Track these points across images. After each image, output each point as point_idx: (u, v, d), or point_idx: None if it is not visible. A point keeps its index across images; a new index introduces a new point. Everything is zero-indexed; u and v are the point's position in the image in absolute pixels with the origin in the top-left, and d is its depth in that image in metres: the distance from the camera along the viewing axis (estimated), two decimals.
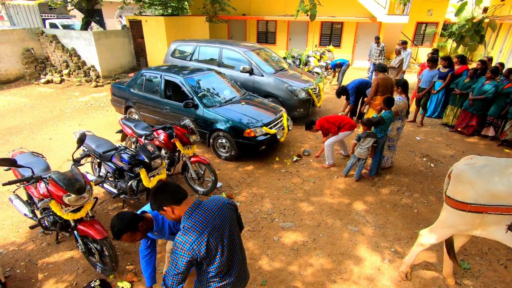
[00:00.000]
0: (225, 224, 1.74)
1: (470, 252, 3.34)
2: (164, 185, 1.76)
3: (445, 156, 5.55)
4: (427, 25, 14.72)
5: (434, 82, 6.61)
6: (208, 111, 5.15)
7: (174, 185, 1.76)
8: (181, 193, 1.73)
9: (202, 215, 1.68)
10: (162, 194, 1.72)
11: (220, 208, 1.76)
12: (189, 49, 8.01)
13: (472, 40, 2.68)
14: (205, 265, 1.69)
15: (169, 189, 1.73)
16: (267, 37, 16.03)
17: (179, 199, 1.71)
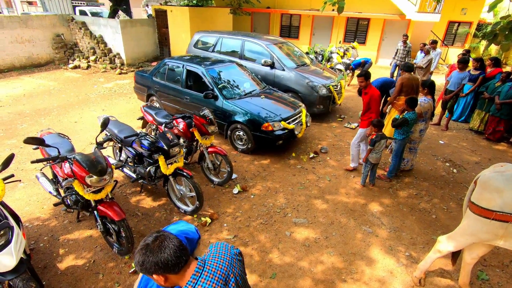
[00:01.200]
0: (237, 285, 1.35)
1: (490, 263, 3.21)
2: (161, 242, 1.22)
3: (469, 162, 5.33)
4: (460, 24, 14.02)
5: (463, 84, 6.31)
6: (227, 103, 5.17)
7: (175, 246, 1.22)
8: (182, 259, 1.22)
9: (211, 282, 1.25)
10: (155, 257, 1.19)
11: (230, 266, 1.35)
12: (212, 40, 8.05)
13: (506, 39, 2.52)
14: None
15: (167, 251, 1.20)
16: (290, 31, 15.83)
17: (178, 267, 1.22)
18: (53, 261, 3.08)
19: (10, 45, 10.21)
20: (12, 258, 2.16)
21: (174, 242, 1.24)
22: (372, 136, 4.14)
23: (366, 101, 4.37)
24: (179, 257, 1.22)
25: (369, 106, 4.38)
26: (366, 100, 4.36)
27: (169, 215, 3.78)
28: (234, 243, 3.35)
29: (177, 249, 1.22)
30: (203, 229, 3.54)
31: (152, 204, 3.99)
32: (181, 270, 1.23)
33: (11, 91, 8.33)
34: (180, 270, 1.23)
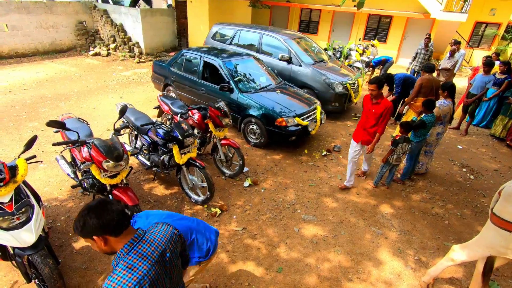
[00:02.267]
0: (171, 261, 1.40)
1: (502, 274, 3.13)
2: (104, 204, 1.28)
3: (487, 169, 5.16)
4: (487, 25, 13.45)
5: (487, 88, 6.08)
6: (242, 96, 5.18)
7: (118, 209, 1.29)
8: (124, 223, 1.29)
9: (147, 250, 1.30)
10: (98, 219, 1.24)
11: (168, 241, 1.41)
12: (230, 32, 8.04)
13: None
14: None
15: (110, 214, 1.26)
16: (309, 27, 15.60)
17: (120, 229, 1.28)
18: (68, 240, 3.21)
19: (35, 30, 10.51)
20: (32, 234, 2.27)
21: (117, 206, 1.31)
22: (397, 137, 4.05)
23: (378, 112, 3.71)
24: (122, 220, 1.28)
25: (380, 119, 3.75)
26: (378, 111, 3.70)
27: (180, 203, 3.86)
28: (242, 235, 3.39)
29: (120, 213, 1.29)
30: (212, 219, 3.60)
31: (164, 192, 4.07)
32: (122, 234, 1.29)
33: (34, 75, 8.61)
34: (120, 233, 1.28)
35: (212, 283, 2.82)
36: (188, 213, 3.70)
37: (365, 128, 3.92)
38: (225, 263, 3.04)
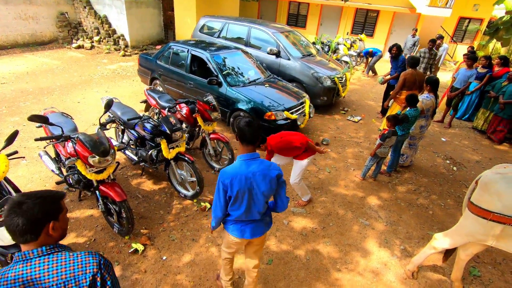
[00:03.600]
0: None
1: (482, 260, 3.26)
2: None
3: (470, 161, 5.34)
4: (471, 21, 13.76)
5: (470, 82, 6.25)
6: (231, 90, 5.15)
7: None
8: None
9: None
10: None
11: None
12: (217, 25, 7.93)
13: (507, 33, 2.48)
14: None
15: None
16: (298, 20, 15.57)
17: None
18: None
19: (13, 21, 10.08)
20: None
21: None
22: (385, 131, 4.11)
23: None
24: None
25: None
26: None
27: (169, 198, 3.82)
28: None
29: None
30: (202, 214, 3.59)
31: (152, 187, 4.03)
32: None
33: (14, 68, 8.29)
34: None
35: (203, 277, 2.82)
36: (177, 208, 3.67)
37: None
38: (215, 257, 3.04)
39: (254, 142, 1.94)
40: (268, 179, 1.96)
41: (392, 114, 4.18)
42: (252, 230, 2.15)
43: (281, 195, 2.12)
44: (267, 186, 1.97)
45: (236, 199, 1.96)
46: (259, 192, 1.97)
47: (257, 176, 1.94)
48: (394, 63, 6.40)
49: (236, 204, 2.00)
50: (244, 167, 1.94)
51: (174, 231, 3.31)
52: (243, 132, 1.92)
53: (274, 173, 1.98)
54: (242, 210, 2.01)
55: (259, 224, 2.16)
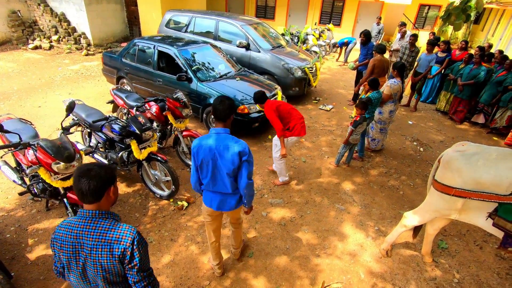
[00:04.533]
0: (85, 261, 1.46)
1: (449, 233, 3.48)
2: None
3: (435, 141, 5.64)
4: (430, 7, 14.39)
5: (431, 66, 6.56)
6: (202, 85, 5.06)
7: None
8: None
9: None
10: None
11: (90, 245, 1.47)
12: (184, 19, 7.72)
13: (458, 18, 2.63)
14: None
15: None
16: (266, 12, 15.52)
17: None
18: (22, 252, 2.96)
19: None
20: None
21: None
22: (356, 118, 4.21)
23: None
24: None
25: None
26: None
27: (144, 200, 3.72)
28: None
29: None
30: (179, 213, 3.54)
31: (126, 190, 3.90)
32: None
33: None
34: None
35: (184, 276, 2.79)
36: (153, 209, 3.59)
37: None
38: (195, 254, 3.02)
39: (225, 119, 2.12)
40: (230, 153, 2.08)
41: (361, 102, 4.30)
42: (219, 202, 2.32)
43: (241, 174, 2.17)
44: (229, 160, 2.10)
45: (202, 167, 2.18)
46: (221, 165, 2.13)
47: (221, 148, 2.09)
48: (364, 49, 6.56)
49: (203, 173, 2.22)
50: (212, 139, 2.11)
51: (151, 233, 3.24)
52: (215, 109, 2.10)
53: (237, 149, 2.09)
54: (207, 179, 2.21)
55: (227, 198, 2.32)
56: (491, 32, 13.22)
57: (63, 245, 1.39)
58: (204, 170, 2.19)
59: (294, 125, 3.63)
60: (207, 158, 2.13)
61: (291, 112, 3.68)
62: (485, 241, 3.39)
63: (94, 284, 1.45)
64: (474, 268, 3.06)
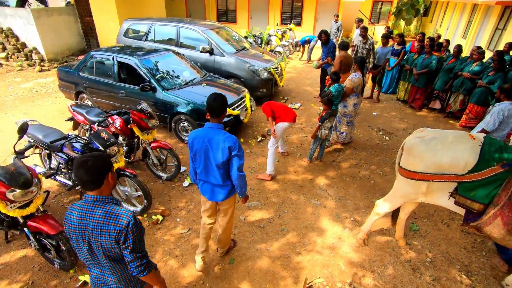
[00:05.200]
0: (90, 238, 1.60)
1: (419, 215, 3.67)
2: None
3: (398, 129, 5.93)
4: (383, 3, 15.18)
5: (388, 59, 6.90)
6: (167, 94, 4.93)
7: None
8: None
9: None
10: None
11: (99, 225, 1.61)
12: (143, 28, 7.50)
13: (407, 13, 2.80)
14: None
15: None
16: (228, 16, 15.54)
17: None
18: None
19: None
20: None
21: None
22: (322, 113, 4.33)
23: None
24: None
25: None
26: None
27: None
28: (189, 236, 3.29)
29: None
30: (155, 227, 3.41)
31: None
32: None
33: None
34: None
35: None
36: None
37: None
38: (175, 269, 2.92)
39: (219, 115, 2.29)
40: (221, 147, 2.26)
41: (326, 98, 4.42)
42: (211, 192, 2.52)
43: (232, 167, 2.34)
44: (219, 153, 2.27)
45: (195, 157, 2.40)
46: (212, 157, 2.32)
47: (213, 142, 2.28)
48: (325, 48, 6.75)
49: (196, 163, 2.43)
50: (205, 132, 2.30)
51: None
52: (209, 106, 2.26)
53: (227, 144, 2.26)
54: (200, 168, 2.41)
55: (218, 189, 2.49)
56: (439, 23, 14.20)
57: (71, 225, 1.58)
58: (198, 160, 2.39)
59: (280, 115, 4.10)
60: (200, 150, 2.32)
61: (281, 107, 4.19)
62: (451, 219, 3.61)
63: (100, 260, 1.63)
64: (444, 246, 3.24)
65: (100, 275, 1.71)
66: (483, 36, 9.39)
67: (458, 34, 11.61)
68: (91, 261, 1.64)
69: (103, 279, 1.71)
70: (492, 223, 2.24)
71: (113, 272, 1.66)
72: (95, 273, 1.72)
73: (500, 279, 2.84)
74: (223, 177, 2.41)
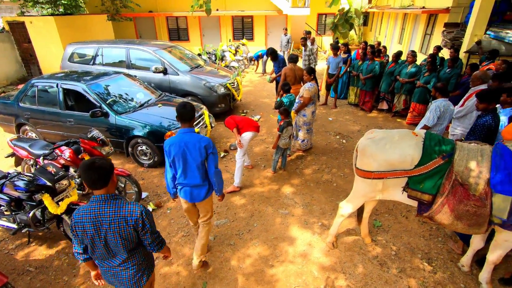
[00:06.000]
0: (107, 233, 1.80)
1: (380, 212, 3.87)
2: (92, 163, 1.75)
3: (353, 131, 6.28)
4: (327, 16, 16.24)
5: (340, 67, 7.33)
6: (121, 118, 4.73)
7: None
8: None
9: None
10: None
11: (113, 219, 1.82)
12: (90, 51, 7.18)
13: (343, 28, 3.04)
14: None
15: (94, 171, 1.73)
16: (180, 34, 15.49)
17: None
18: None
19: None
20: None
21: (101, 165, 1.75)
22: (281, 123, 4.44)
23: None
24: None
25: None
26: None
27: (72, 259, 3.24)
28: (156, 266, 3.11)
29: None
30: None
31: (47, 252, 3.35)
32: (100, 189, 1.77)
33: None
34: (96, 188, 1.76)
35: None
36: (85, 266, 3.15)
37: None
38: None
39: (190, 120, 2.51)
40: (197, 147, 2.49)
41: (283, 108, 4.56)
42: (191, 194, 2.67)
43: (209, 165, 2.59)
44: (196, 153, 2.49)
45: (174, 161, 2.54)
46: (191, 158, 2.51)
47: (189, 144, 2.47)
48: (275, 63, 7.00)
49: (176, 167, 2.58)
50: (180, 137, 2.49)
51: None
52: (179, 113, 2.49)
53: (203, 144, 2.50)
54: (180, 171, 2.56)
55: (197, 189, 2.67)
56: (377, 31, 15.51)
57: (85, 225, 1.74)
58: (177, 164, 2.55)
59: (243, 126, 4.24)
60: (178, 154, 2.49)
61: (244, 119, 4.33)
62: (409, 211, 3.86)
63: (116, 252, 1.85)
64: (405, 237, 3.44)
65: (111, 267, 1.91)
66: (415, 41, 10.43)
67: (395, 40, 12.77)
68: (106, 255, 1.84)
69: (113, 270, 1.92)
70: (441, 211, 2.44)
71: (127, 261, 1.90)
72: (107, 265, 1.91)
73: (456, 261, 3.08)
74: (202, 177, 2.62)
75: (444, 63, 6.37)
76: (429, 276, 2.95)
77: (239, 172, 4.31)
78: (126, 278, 1.93)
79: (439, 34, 8.10)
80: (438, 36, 8.33)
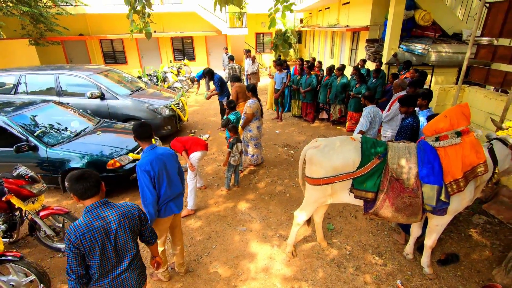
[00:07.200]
0: (117, 233, 1.88)
1: (332, 215, 4.08)
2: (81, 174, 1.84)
3: (300, 142, 6.60)
4: (264, 35, 17.11)
5: (285, 83, 7.71)
6: (53, 150, 4.28)
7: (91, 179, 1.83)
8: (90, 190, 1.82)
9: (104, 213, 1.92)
10: (71, 184, 1.80)
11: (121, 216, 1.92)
12: (10, 80, 6.43)
13: (283, 47, 3.28)
14: None
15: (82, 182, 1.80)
16: (116, 57, 14.82)
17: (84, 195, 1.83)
18: None
19: None
20: None
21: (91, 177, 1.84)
22: (230, 139, 4.47)
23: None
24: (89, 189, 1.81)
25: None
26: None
27: None
28: None
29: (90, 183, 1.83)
30: None
31: None
32: (87, 199, 1.83)
33: None
34: (86, 198, 1.82)
35: None
36: None
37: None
38: None
39: (150, 137, 2.59)
40: (171, 156, 2.71)
41: (231, 125, 4.62)
42: (177, 203, 2.79)
43: (181, 169, 2.88)
44: (173, 162, 2.71)
45: (159, 176, 2.57)
46: (170, 167, 2.66)
47: (164, 155, 2.63)
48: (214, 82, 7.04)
49: (160, 181, 2.60)
50: (154, 153, 2.56)
51: None
52: (138, 132, 2.55)
53: (172, 152, 2.76)
54: (165, 184, 2.62)
55: (180, 197, 2.84)
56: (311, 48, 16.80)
57: (94, 234, 1.76)
58: (161, 179, 2.59)
59: (190, 146, 4.19)
60: (162, 167, 2.57)
61: (190, 139, 4.28)
62: (357, 211, 4.14)
63: (124, 255, 1.92)
64: (357, 236, 3.67)
65: (117, 275, 1.91)
66: (344, 55, 11.55)
67: (327, 55, 13.96)
68: (114, 261, 1.87)
69: (120, 278, 1.93)
70: (383, 206, 2.68)
71: (135, 258, 2.00)
72: (112, 276, 1.89)
73: (402, 251, 3.37)
74: (182, 182, 2.84)
75: (370, 74, 7.16)
76: (381, 269, 3.17)
77: (193, 194, 4.19)
78: (133, 280, 1.99)
79: (363, 49, 9.11)
80: (362, 50, 9.35)
